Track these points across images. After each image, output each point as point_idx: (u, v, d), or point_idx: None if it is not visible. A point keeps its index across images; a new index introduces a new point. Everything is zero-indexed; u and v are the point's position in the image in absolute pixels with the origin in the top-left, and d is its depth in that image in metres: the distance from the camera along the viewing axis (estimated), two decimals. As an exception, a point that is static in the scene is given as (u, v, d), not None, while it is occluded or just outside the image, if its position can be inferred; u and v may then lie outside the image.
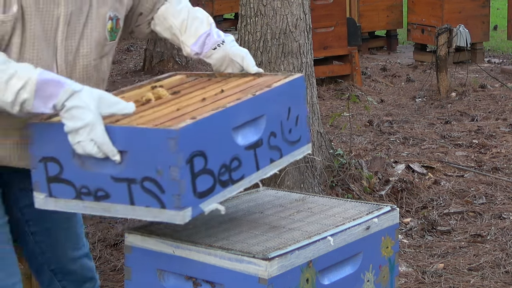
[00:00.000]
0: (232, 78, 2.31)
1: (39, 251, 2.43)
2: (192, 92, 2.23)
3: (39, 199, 2.07)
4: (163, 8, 2.40)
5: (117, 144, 1.93)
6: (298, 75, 2.25)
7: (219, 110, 1.99)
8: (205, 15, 2.38)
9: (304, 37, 4.88)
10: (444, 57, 7.82)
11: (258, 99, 2.09)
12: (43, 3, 2.08)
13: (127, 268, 2.17)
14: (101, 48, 2.23)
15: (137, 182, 1.92)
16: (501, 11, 14.31)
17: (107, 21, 2.22)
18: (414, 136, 6.43)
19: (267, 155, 2.13)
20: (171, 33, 2.39)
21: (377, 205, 2.35)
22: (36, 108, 1.97)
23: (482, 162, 5.65)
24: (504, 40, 11.30)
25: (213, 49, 2.34)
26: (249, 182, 2.08)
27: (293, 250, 2.00)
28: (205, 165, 1.93)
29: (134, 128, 1.93)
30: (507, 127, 6.67)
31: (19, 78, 1.95)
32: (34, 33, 2.08)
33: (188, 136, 1.88)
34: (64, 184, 2.02)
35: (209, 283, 2.03)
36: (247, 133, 2.08)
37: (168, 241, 2.09)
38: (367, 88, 8.53)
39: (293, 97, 2.22)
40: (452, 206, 4.80)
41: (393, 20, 11.03)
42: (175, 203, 1.88)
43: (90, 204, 2.00)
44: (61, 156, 2.01)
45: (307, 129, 2.29)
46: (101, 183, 1.97)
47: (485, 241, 4.30)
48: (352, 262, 2.18)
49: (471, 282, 3.79)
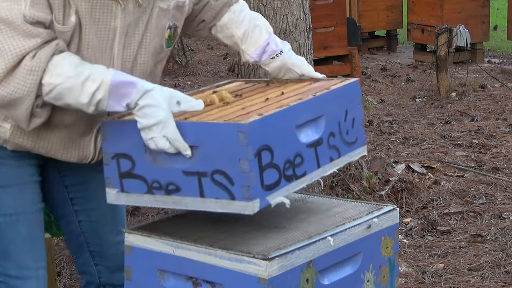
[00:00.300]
0: (289, 83, 2.40)
1: (80, 231, 2.50)
2: (254, 94, 2.31)
3: (111, 195, 2.15)
4: (225, 18, 2.45)
5: (188, 139, 2.01)
6: (354, 79, 2.35)
7: (284, 108, 2.08)
8: (264, 23, 2.45)
9: (304, 37, 4.88)
10: (444, 57, 7.82)
11: (318, 100, 2.18)
12: (99, 14, 2.12)
13: (127, 268, 2.17)
14: (157, 55, 2.29)
15: (207, 175, 2.00)
16: (501, 11, 14.31)
17: (165, 30, 2.27)
18: (414, 136, 6.43)
19: (327, 153, 2.21)
20: (232, 41, 2.46)
21: (377, 205, 2.35)
22: (110, 107, 2.05)
23: (482, 162, 5.65)
24: (504, 40, 11.30)
25: (271, 58, 2.42)
26: (310, 179, 2.16)
27: (293, 250, 2.00)
28: (271, 159, 2.01)
29: (205, 123, 2.01)
30: (507, 127, 6.67)
31: (93, 80, 2.04)
32: (88, 43, 2.13)
33: (256, 130, 1.97)
34: (136, 179, 2.10)
35: (209, 283, 2.03)
36: (309, 132, 2.16)
37: (168, 241, 2.09)
38: (367, 88, 8.53)
39: (350, 100, 2.31)
40: (452, 206, 4.80)
41: (393, 20, 11.03)
42: (245, 194, 1.96)
43: (161, 198, 2.08)
44: (133, 152, 2.09)
45: (363, 131, 2.38)
46: (172, 177, 2.05)
47: (485, 241, 4.30)
48: (352, 262, 2.18)
49: (471, 282, 3.79)
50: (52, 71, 2.03)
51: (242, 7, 2.47)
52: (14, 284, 2.29)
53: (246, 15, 2.45)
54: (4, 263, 2.29)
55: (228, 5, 2.45)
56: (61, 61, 2.05)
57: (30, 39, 2.02)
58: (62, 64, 2.04)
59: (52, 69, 2.03)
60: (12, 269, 2.28)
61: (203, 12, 2.44)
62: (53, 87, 2.04)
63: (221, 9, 2.45)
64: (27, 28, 2.02)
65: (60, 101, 2.06)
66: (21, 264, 2.29)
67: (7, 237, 2.28)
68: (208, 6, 2.44)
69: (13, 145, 2.24)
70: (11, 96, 2.03)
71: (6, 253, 2.28)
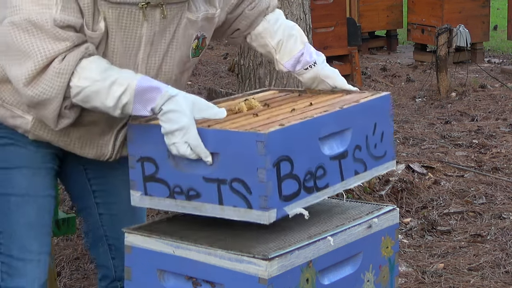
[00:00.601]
0: (321, 94, 2.40)
1: (100, 224, 2.53)
2: (283, 104, 2.32)
3: (135, 197, 2.18)
4: (260, 28, 2.46)
5: (209, 146, 2.03)
6: (385, 93, 2.34)
7: (307, 119, 2.08)
8: (300, 33, 2.46)
9: (304, 37, 4.88)
10: (444, 57, 7.82)
11: (345, 112, 2.18)
12: (126, 22, 2.15)
13: (127, 268, 2.18)
14: (183, 64, 2.31)
15: (226, 182, 2.01)
16: (501, 11, 14.31)
17: (193, 40, 2.29)
18: (414, 136, 6.44)
19: (351, 167, 2.20)
20: (266, 50, 2.48)
21: (377, 205, 2.35)
22: (136, 111, 2.10)
23: (482, 162, 5.65)
24: (504, 40, 11.30)
25: (304, 69, 2.43)
26: (333, 191, 2.16)
27: (293, 250, 2.00)
28: (291, 170, 2.02)
29: (225, 131, 2.03)
30: (507, 127, 6.67)
31: (120, 85, 2.08)
32: (114, 49, 2.17)
33: (276, 140, 1.97)
34: (159, 183, 2.13)
35: (209, 283, 2.03)
36: (333, 144, 2.16)
37: (168, 241, 2.09)
38: (367, 88, 8.52)
39: (379, 113, 2.30)
40: (452, 206, 4.80)
41: (393, 20, 11.03)
42: (261, 204, 1.97)
43: (182, 203, 2.10)
44: (157, 156, 2.12)
45: (392, 145, 2.37)
46: (193, 183, 2.07)
47: (485, 241, 4.30)
48: (352, 262, 2.18)
49: (471, 282, 3.79)
50: (80, 74, 2.08)
51: (278, 16, 2.48)
52: (15, 266, 2.32)
53: (281, 25, 2.46)
54: (8, 243, 2.33)
55: (264, 14, 2.46)
56: (89, 64, 2.09)
57: (60, 42, 2.06)
58: (90, 68, 2.08)
59: (80, 72, 2.08)
60: (15, 250, 2.32)
61: (238, 21, 2.45)
62: (81, 90, 2.08)
63: (256, 18, 2.45)
64: (57, 31, 2.06)
65: (88, 103, 2.11)
66: (25, 247, 2.32)
67: (15, 217, 2.32)
68: (242, 15, 2.44)
69: (33, 136, 2.29)
70: (40, 97, 2.08)
71: (11, 234, 2.32)
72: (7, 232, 2.33)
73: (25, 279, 2.33)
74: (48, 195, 2.37)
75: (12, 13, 2.07)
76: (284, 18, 2.49)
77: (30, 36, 2.06)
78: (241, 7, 2.44)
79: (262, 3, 2.46)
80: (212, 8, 2.31)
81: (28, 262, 2.33)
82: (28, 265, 2.33)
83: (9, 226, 2.32)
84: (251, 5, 2.45)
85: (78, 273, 3.91)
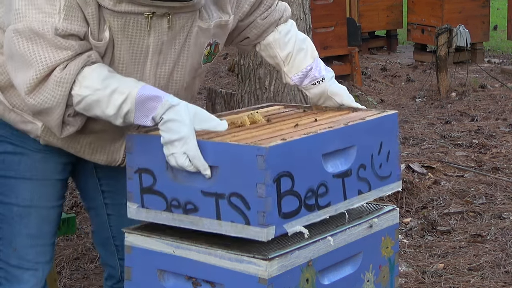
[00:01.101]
0: (327, 111, 2.37)
1: (108, 224, 2.53)
2: (286, 120, 2.28)
3: (132, 209, 2.15)
4: (271, 38, 2.43)
5: (208, 159, 1.98)
6: (392, 111, 2.30)
7: (310, 134, 2.03)
8: (310, 46, 2.43)
9: (304, 37, 4.88)
10: (444, 57, 7.83)
11: (350, 129, 2.13)
12: (132, 31, 2.13)
13: (127, 268, 2.17)
14: (195, 71, 2.29)
15: (225, 197, 1.97)
16: (501, 11, 14.31)
17: (205, 48, 2.27)
18: (414, 136, 6.44)
19: (355, 186, 2.15)
20: (274, 61, 2.45)
21: (377, 205, 2.35)
22: (138, 120, 2.06)
23: (482, 162, 5.65)
24: (504, 40, 11.30)
25: (312, 84, 2.40)
26: (335, 210, 2.11)
27: (293, 250, 2.00)
28: (292, 187, 1.97)
29: (225, 144, 1.98)
30: (507, 127, 6.67)
31: (120, 93, 2.05)
32: (120, 58, 2.16)
33: (276, 155, 1.92)
34: (156, 195, 2.09)
35: (209, 283, 2.03)
36: (337, 162, 2.11)
37: (168, 241, 2.09)
38: (367, 88, 8.53)
39: (386, 132, 2.25)
40: (452, 206, 4.80)
41: (393, 20, 11.03)
42: (260, 220, 1.93)
43: (179, 217, 2.06)
44: (155, 168, 2.08)
45: (398, 166, 2.31)
46: (190, 197, 2.03)
47: (485, 241, 4.30)
48: (352, 262, 2.18)
49: (471, 282, 3.79)
50: (81, 82, 2.06)
51: (290, 28, 2.44)
52: (13, 273, 2.34)
53: (292, 37, 2.42)
54: (7, 251, 2.34)
55: (275, 25, 2.42)
56: (91, 73, 2.07)
57: (61, 51, 2.05)
58: (91, 76, 2.07)
59: (82, 81, 2.06)
60: (13, 258, 2.33)
61: (248, 29, 2.42)
62: (82, 99, 2.07)
63: (267, 28, 2.42)
64: (58, 41, 2.05)
65: (89, 112, 2.09)
66: (22, 256, 2.34)
67: (16, 227, 2.33)
68: (254, 24, 2.41)
69: (44, 141, 2.29)
70: (42, 106, 2.07)
71: (11, 243, 2.33)
72: (7, 239, 2.34)
73: (23, 286, 2.35)
74: (53, 207, 2.38)
75: (16, 20, 2.06)
76: (296, 30, 2.45)
77: (32, 45, 2.04)
78: (254, 15, 2.40)
79: (275, 13, 2.41)
80: (225, 15, 2.27)
81: (25, 270, 2.34)
82: (25, 274, 2.35)
83: (10, 234, 2.34)
84: (264, 14, 2.40)
85: (78, 273, 3.91)
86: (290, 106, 2.49)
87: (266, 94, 4.85)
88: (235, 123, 2.20)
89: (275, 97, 4.81)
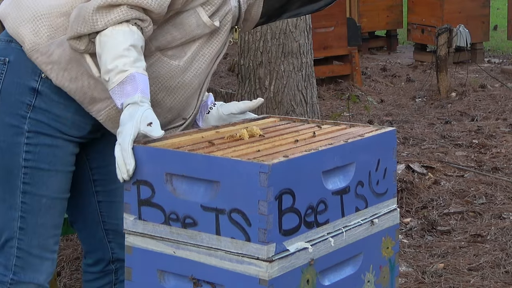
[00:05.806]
0: (325, 125, 2.37)
1: (98, 211, 2.59)
2: (285, 134, 2.28)
3: (128, 221, 2.13)
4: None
5: (209, 173, 1.98)
6: (390, 128, 2.32)
7: (312, 151, 2.03)
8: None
9: (304, 37, 4.88)
10: (444, 57, 7.83)
11: (349, 146, 2.14)
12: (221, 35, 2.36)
13: (127, 268, 2.17)
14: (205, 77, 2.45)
15: (225, 212, 1.96)
16: (501, 11, 14.32)
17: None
18: (414, 136, 6.44)
19: (353, 203, 2.16)
20: None
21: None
22: (113, 91, 2.14)
23: (482, 162, 5.66)
24: (504, 40, 11.31)
25: (207, 113, 2.52)
26: (333, 227, 2.11)
27: (293, 251, 2.00)
28: (292, 204, 1.97)
29: (227, 159, 1.97)
30: (507, 127, 6.67)
31: (124, 64, 2.13)
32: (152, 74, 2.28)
33: (279, 172, 1.92)
34: (155, 208, 2.07)
35: (210, 284, 2.03)
36: (336, 179, 2.12)
37: (169, 242, 2.09)
38: (367, 88, 8.54)
39: (383, 149, 2.27)
40: (452, 206, 4.81)
41: (393, 20, 11.04)
42: (261, 237, 1.92)
43: (177, 231, 2.05)
44: (154, 180, 2.06)
45: (394, 183, 2.33)
46: (190, 211, 2.02)
47: (485, 241, 4.30)
48: (352, 263, 2.18)
49: (471, 282, 3.79)
50: (120, 28, 2.16)
51: None
52: (32, 262, 2.39)
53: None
54: (29, 241, 2.38)
55: None
56: (132, 33, 2.17)
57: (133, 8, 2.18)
58: (130, 33, 2.17)
59: (120, 28, 2.16)
60: (35, 248, 2.38)
61: None
62: (107, 35, 2.16)
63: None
64: None
65: (99, 49, 2.17)
66: (45, 246, 2.40)
67: (42, 218, 2.38)
68: None
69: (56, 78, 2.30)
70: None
71: (35, 233, 2.38)
72: (31, 229, 2.38)
73: (41, 275, 2.40)
74: (66, 198, 2.44)
75: None
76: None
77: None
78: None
79: None
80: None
81: (45, 260, 2.40)
82: (45, 263, 2.41)
83: (35, 224, 2.38)
84: None
85: (78, 273, 3.91)
86: (286, 119, 2.50)
87: (266, 94, 4.85)
88: (234, 136, 2.20)
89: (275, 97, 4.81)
